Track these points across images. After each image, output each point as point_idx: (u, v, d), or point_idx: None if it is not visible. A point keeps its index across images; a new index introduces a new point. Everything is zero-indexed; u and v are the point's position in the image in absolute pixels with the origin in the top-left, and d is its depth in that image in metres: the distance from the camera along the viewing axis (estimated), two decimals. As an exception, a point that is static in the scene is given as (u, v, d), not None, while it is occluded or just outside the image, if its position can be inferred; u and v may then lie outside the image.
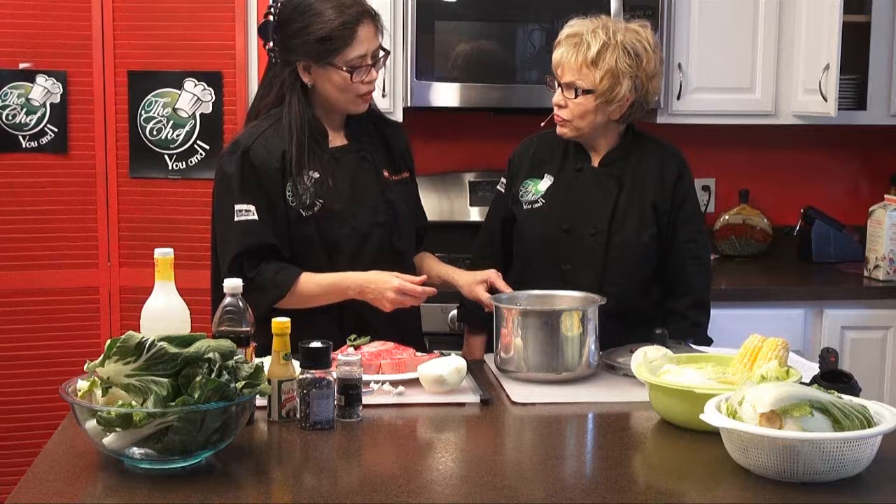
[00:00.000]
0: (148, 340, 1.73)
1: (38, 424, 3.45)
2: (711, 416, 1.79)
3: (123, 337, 1.74)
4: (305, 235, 2.48)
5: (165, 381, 1.72)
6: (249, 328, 2.02)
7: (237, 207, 2.43)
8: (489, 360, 2.50)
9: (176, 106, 3.54)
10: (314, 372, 1.99)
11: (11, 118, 3.51)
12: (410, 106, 3.66)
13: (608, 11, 3.53)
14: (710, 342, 2.64)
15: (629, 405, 2.18)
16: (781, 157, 4.23)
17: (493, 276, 2.56)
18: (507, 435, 2.10)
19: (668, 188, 2.65)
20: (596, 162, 2.67)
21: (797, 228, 4.10)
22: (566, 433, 2.11)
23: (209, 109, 3.54)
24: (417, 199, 2.73)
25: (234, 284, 2.03)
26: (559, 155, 2.70)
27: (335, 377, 2.03)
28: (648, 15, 3.54)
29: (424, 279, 2.47)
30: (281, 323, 2.05)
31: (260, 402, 1.99)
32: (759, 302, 3.56)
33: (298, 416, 2.01)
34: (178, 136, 3.54)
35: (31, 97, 3.51)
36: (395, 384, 2.24)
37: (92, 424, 1.73)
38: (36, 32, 3.49)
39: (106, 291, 3.59)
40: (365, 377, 2.16)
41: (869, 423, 1.74)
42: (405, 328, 2.56)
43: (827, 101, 3.59)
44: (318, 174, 2.47)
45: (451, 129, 4.08)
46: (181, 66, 3.53)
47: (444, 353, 2.38)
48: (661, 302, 2.68)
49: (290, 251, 2.48)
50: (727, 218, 4.14)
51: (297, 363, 2.03)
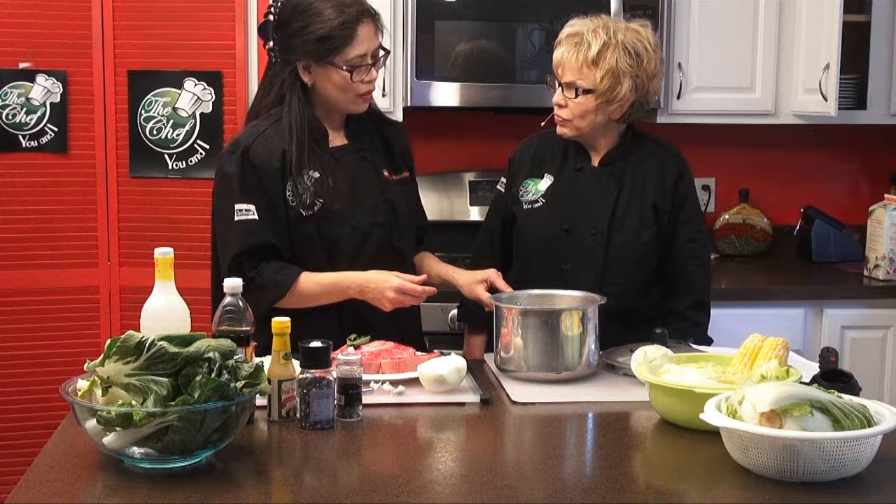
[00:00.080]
0: (148, 340, 1.73)
1: (37, 424, 3.44)
2: (711, 415, 1.79)
3: (123, 336, 1.74)
4: (305, 235, 2.48)
5: (165, 380, 1.72)
6: (249, 328, 2.02)
7: (237, 207, 2.43)
8: (489, 359, 2.50)
9: (176, 105, 3.53)
10: (314, 371, 1.99)
11: (11, 118, 3.51)
12: (410, 105, 3.65)
13: (608, 11, 3.53)
14: (710, 342, 2.64)
15: (629, 405, 2.18)
16: (781, 156, 4.23)
17: (493, 275, 2.56)
18: (507, 435, 2.10)
19: (668, 188, 2.65)
20: (596, 162, 2.67)
21: (797, 228, 4.10)
22: (566, 433, 2.11)
23: (209, 109, 3.53)
24: (417, 198, 2.73)
25: (234, 284, 2.03)
26: (559, 154, 2.70)
27: (335, 377, 2.03)
28: (648, 15, 3.54)
29: (424, 279, 2.47)
30: (281, 322, 2.05)
31: (260, 401, 1.99)
32: (759, 302, 3.56)
33: (298, 415, 2.01)
34: (178, 135, 3.54)
35: (31, 97, 3.51)
36: (395, 384, 2.24)
37: (92, 424, 1.73)
38: (36, 32, 3.49)
39: (106, 291, 3.59)
40: (365, 377, 2.16)
41: (869, 422, 1.74)
42: (405, 328, 2.56)
43: (827, 100, 3.59)
44: (318, 174, 2.47)
45: (451, 128, 4.08)
46: (181, 65, 3.52)
47: (444, 352, 2.38)
48: (661, 302, 2.68)
49: (290, 251, 2.48)
50: (727, 217, 4.14)
51: (297, 363, 2.03)
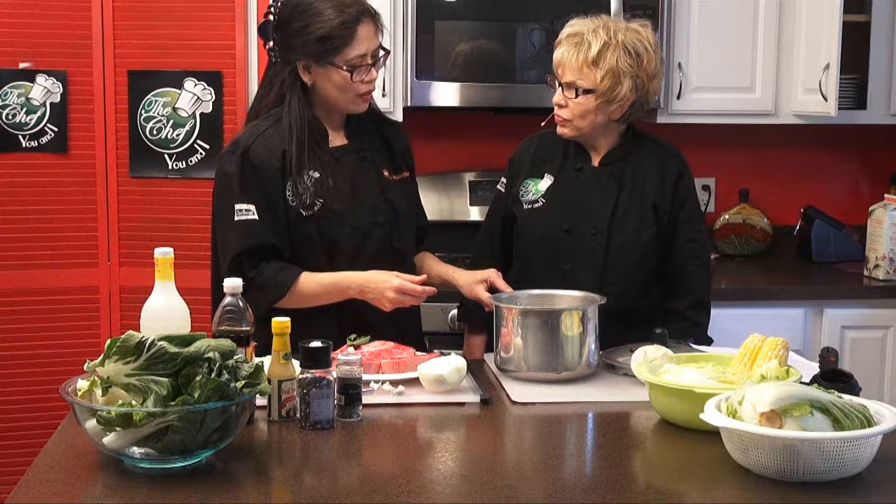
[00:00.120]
0: (148, 340, 1.73)
1: (37, 424, 3.44)
2: (711, 415, 1.79)
3: (123, 336, 1.74)
4: (305, 235, 2.48)
5: (165, 380, 1.72)
6: (249, 328, 2.02)
7: (237, 207, 2.43)
8: (489, 359, 2.50)
9: (176, 105, 3.53)
10: (314, 371, 1.99)
11: (11, 118, 3.51)
12: (410, 106, 3.65)
13: (608, 11, 3.53)
14: (710, 342, 2.64)
15: (629, 405, 2.18)
16: (781, 156, 4.23)
17: (493, 275, 2.56)
18: (507, 435, 2.10)
19: (668, 188, 2.65)
20: (596, 162, 2.67)
21: (797, 228, 4.10)
22: (566, 433, 2.11)
23: (209, 109, 3.53)
24: (417, 198, 2.73)
25: (234, 284, 2.03)
26: (559, 155, 2.70)
27: (335, 377, 2.03)
28: (648, 15, 3.54)
29: (424, 279, 2.47)
30: (281, 322, 2.05)
31: (260, 401, 1.99)
32: (759, 302, 3.56)
33: (298, 415, 2.01)
34: (178, 135, 3.54)
35: (31, 97, 3.51)
36: (395, 384, 2.24)
37: (92, 424, 1.73)
38: (36, 32, 3.49)
39: (106, 291, 3.59)
40: (365, 377, 2.16)
41: (869, 422, 1.74)
42: (405, 328, 2.56)
43: (827, 100, 3.59)
44: (318, 174, 2.47)
45: (451, 128, 4.08)
46: (181, 65, 3.52)
47: (444, 352, 2.38)
48: (661, 302, 2.68)
49: (290, 251, 2.48)
50: (727, 217, 4.14)
51: (297, 363, 2.03)
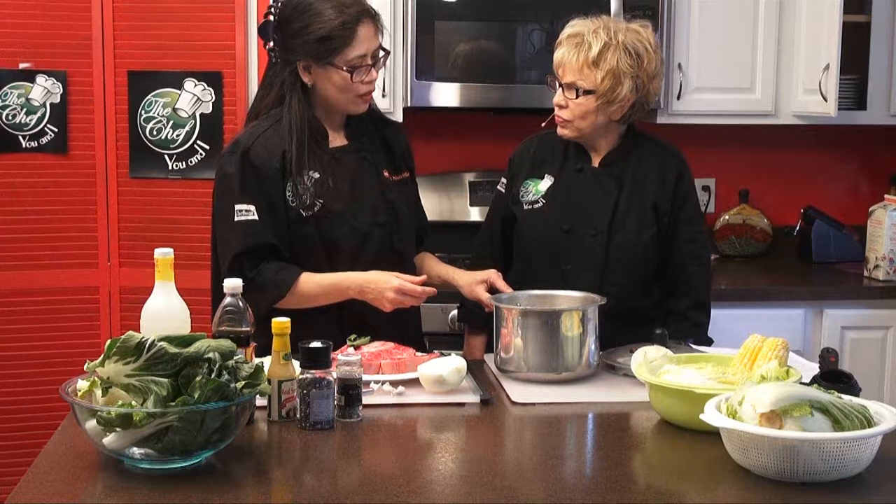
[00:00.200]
0: (148, 340, 1.73)
1: (38, 424, 3.44)
2: (711, 416, 1.79)
3: (123, 337, 1.74)
4: (305, 235, 2.48)
5: (165, 381, 1.72)
6: (249, 328, 2.02)
7: (237, 207, 2.43)
8: (489, 360, 2.50)
9: (176, 106, 3.53)
10: (314, 372, 1.99)
11: (11, 118, 3.51)
12: (410, 106, 3.65)
13: (608, 11, 3.53)
14: (710, 342, 2.64)
15: (629, 405, 2.18)
16: (781, 157, 4.23)
17: (493, 276, 2.56)
18: (507, 435, 2.10)
19: (668, 188, 2.65)
20: (596, 162, 2.67)
21: (797, 228, 4.10)
22: (566, 433, 2.11)
23: (209, 109, 3.53)
24: (417, 199, 2.73)
25: (234, 284, 2.03)
26: (559, 155, 2.70)
27: (335, 377, 2.03)
28: (648, 15, 3.54)
29: (424, 279, 2.47)
30: (281, 323, 2.05)
31: (260, 402, 1.99)
32: (759, 302, 3.56)
33: (298, 416, 2.01)
34: (178, 136, 3.54)
35: (31, 97, 3.51)
36: (395, 384, 2.24)
37: (92, 424, 1.73)
38: (36, 32, 3.49)
39: (106, 291, 3.59)
40: (365, 377, 2.16)
41: (869, 423, 1.74)
42: (405, 328, 2.56)
43: (827, 101, 3.59)
44: (318, 174, 2.47)
45: (451, 129, 4.08)
46: (181, 66, 3.52)
47: (444, 353, 2.38)
48: (661, 302, 2.68)
49: (290, 251, 2.48)
50: (727, 218, 4.14)
51: (297, 363, 2.03)
